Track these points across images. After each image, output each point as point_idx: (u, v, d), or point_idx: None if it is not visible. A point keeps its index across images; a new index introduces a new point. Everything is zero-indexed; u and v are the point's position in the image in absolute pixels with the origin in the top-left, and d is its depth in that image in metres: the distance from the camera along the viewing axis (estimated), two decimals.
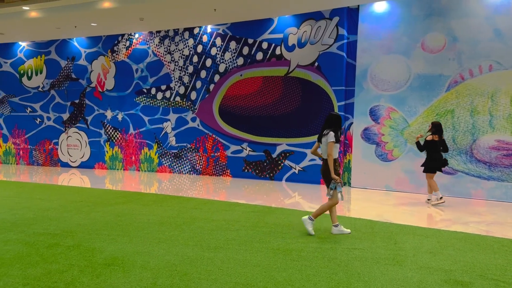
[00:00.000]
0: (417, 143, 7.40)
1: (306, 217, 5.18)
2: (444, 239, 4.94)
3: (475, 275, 3.76)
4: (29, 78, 13.40)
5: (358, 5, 9.09)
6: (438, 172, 7.29)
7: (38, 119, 13.35)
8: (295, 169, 9.95)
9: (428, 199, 7.41)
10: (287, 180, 10.07)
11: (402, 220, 6.05)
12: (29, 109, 13.45)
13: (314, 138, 9.63)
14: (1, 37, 12.82)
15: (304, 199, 7.96)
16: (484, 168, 7.90)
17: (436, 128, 7.15)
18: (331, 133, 4.99)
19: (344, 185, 9.41)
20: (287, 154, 10.05)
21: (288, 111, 10.00)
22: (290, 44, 9.90)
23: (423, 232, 5.26)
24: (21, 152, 13.71)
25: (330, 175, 4.96)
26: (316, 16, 9.54)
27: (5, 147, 13.87)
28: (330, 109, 9.42)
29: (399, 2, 8.69)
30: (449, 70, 8.20)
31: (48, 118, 13.25)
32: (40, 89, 13.29)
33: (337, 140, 5.00)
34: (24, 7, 10.06)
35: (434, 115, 8.28)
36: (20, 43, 13.44)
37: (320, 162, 9.52)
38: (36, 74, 13.29)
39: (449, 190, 8.11)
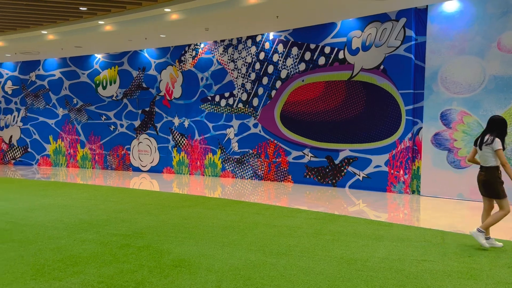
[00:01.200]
0: None
1: (474, 230, 4.75)
2: None
3: None
4: (104, 88, 14.35)
5: (427, 5, 8.69)
6: None
7: (112, 126, 14.25)
8: (359, 175, 9.68)
9: None
10: (350, 187, 9.83)
11: None
12: (104, 117, 14.39)
13: (380, 143, 9.32)
14: (79, 50, 13.88)
15: (369, 207, 7.72)
16: None
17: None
18: (497, 140, 4.63)
19: (413, 193, 9.00)
20: (351, 160, 9.81)
21: (351, 116, 9.78)
22: (354, 47, 9.70)
23: None
24: (96, 157, 14.70)
25: (498, 185, 4.65)
26: (382, 18, 9.27)
27: (82, 152, 14.95)
28: (397, 113, 9.06)
29: (472, 0, 8.20)
30: None
31: (121, 125, 14.09)
32: (114, 98, 14.18)
33: (504, 146, 4.65)
34: (99, 22, 10.82)
35: None
36: (96, 55, 14.46)
37: (384, 169, 9.21)
38: (110, 84, 14.22)
39: None
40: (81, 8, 9.91)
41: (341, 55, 9.90)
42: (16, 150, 15.94)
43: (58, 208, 7.07)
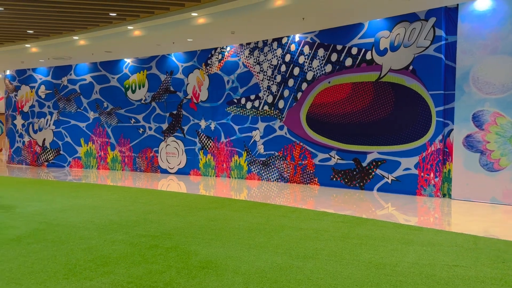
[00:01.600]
0: None
1: None
2: None
3: None
4: (133, 91, 14.66)
5: (457, 4, 8.47)
6: None
7: (141, 129, 14.53)
8: (388, 178, 9.51)
9: None
10: (378, 190, 9.67)
11: (511, 236, 5.45)
12: (133, 120, 14.70)
13: (410, 145, 9.13)
14: (109, 55, 14.24)
15: (398, 210, 7.57)
16: None
17: None
18: None
19: (444, 196, 8.76)
20: (379, 163, 9.65)
21: (379, 118, 9.63)
22: (381, 48, 9.55)
23: None
24: (126, 159, 15.02)
25: None
26: (410, 17, 9.09)
27: (113, 154, 15.31)
28: (427, 114, 8.86)
29: None
30: None
31: (150, 128, 14.35)
32: (142, 101, 14.47)
33: None
34: (128, 27, 11.07)
35: None
36: (125, 60, 14.79)
37: (414, 171, 9.00)
38: (139, 88, 14.51)
39: None
40: (110, 14, 10.17)
41: (368, 56, 9.77)
42: (49, 153, 16.49)
43: (89, 209, 7.26)
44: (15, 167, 16.41)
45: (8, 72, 17.52)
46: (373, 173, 9.74)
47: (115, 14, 10.19)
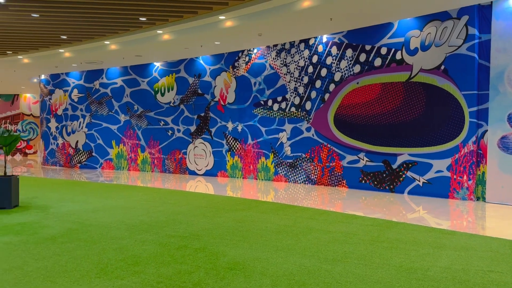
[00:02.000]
0: None
1: None
2: None
3: None
4: (162, 94, 14.91)
5: (491, 1, 8.20)
6: None
7: (170, 131, 14.76)
8: (419, 181, 9.28)
9: None
10: (409, 193, 9.45)
11: None
12: (162, 122, 14.95)
13: (442, 147, 8.90)
14: (139, 59, 14.54)
15: (430, 214, 7.37)
16: None
17: None
18: None
19: (477, 200, 8.48)
20: (410, 165, 9.44)
21: (410, 119, 9.42)
22: (412, 47, 9.35)
23: None
24: (155, 161, 15.29)
25: None
26: (442, 16, 8.86)
27: (142, 156, 15.61)
28: (460, 115, 8.61)
29: None
30: None
31: (178, 130, 14.56)
32: (171, 104, 14.70)
33: None
34: (158, 31, 11.28)
35: None
36: (154, 63, 15.07)
37: (446, 174, 8.75)
38: (168, 91, 14.75)
39: None
40: (140, 19, 10.39)
41: (398, 56, 9.58)
42: (81, 154, 16.98)
43: (120, 210, 7.43)
44: (50, 169, 16.99)
45: (43, 77, 18.19)
46: (403, 176, 9.53)
47: (145, 19, 10.41)
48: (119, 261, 4.41)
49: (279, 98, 11.99)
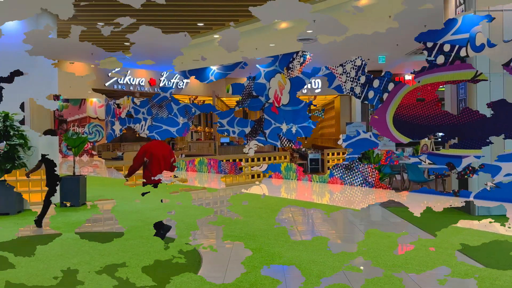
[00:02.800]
0: None
1: None
2: None
3: None
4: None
5: None
6: None
7: (225, 133, 15.02)
8: (487, 185, 8.71)
9: None
10: (476, 197, 8.89)
11: None
12: (218, 124, 15.26)
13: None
14: (196, 63, 14.97)
15: (498, 220, 6.90)
16: None
17: None
18: None
19: None
20: (476, 168, 8.88)
21: (475, 119, 8.87)
22: (478, 44, 8.81)
23: None
24: (211, 162, 15.64)
25: None
26: None
27: (200, 157, 16.02)
28: None
29: None
30: None
31: (233, 132, 14.78)
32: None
33: None
34: (214, 36, 11.54)
35: None
36: (211, 67, 15.43)
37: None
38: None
39: None
40: (198, 24, 10.69)
41: (463, 53, 9.07)
42: None
43: (178, 208, 7.67)
44: (113, 169, 17.92)
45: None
46: (469, 179, 8.99)
47: (202, 24, 10.70)
48: (177, 258, 4.54)
49: None
